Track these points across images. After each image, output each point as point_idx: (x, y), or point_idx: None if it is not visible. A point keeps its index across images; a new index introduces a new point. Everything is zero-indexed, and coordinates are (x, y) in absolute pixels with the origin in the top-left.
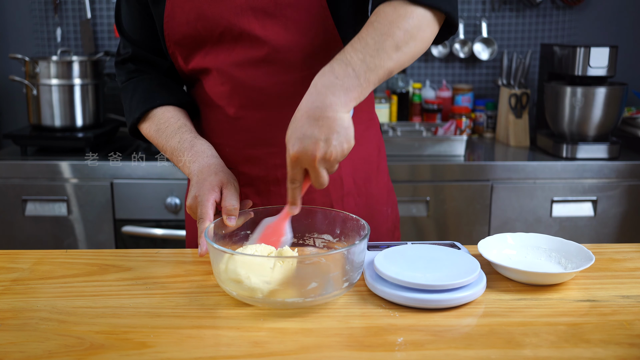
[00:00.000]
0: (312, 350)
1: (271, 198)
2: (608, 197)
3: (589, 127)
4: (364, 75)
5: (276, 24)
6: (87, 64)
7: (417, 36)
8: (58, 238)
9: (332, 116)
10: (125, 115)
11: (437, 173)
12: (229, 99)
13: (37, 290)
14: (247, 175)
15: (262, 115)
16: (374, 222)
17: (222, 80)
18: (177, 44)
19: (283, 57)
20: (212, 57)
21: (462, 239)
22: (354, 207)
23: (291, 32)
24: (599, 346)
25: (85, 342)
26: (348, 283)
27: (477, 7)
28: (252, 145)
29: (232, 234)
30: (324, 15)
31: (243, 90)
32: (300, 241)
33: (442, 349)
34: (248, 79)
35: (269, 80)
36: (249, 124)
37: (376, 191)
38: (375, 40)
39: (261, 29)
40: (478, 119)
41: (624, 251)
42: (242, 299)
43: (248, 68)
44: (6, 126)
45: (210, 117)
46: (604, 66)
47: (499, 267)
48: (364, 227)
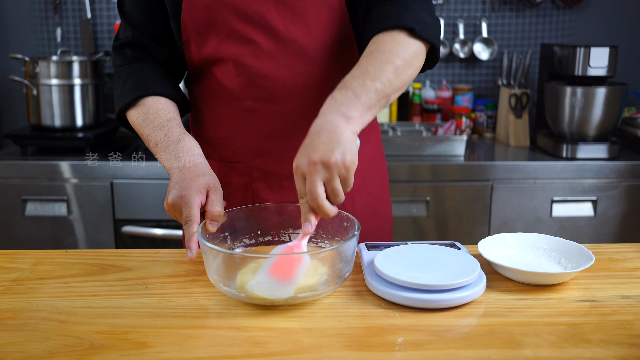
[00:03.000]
0: (312, 350)
1: (283, 193)
2: (608, 197)
3: (589, 127)
4: (364, 96)
5: (295, 16)
6: (87, 64)
7: (413, 64)
8: (58, 238)
9: (331, 129)
10: (115, 99)
11: (437, 173)
12: (244, 90)
13: (37, 290)
14: (260, 170)
15: (277, 108)
16: (377, 221)
17: (238, 72)
18: (194, 30)
19: (300, 49)
20: (229, 46)
21: (462, 239)
22: (362, 206)
23: (309, 25)
24: (599, 346)
25: (85, 342)
26: (342, 278)
27: (477, 7)
28: (265, 138)
29: (213, 237)
30: (341, 12)
31: (259, 81)
32: (276, 238)
33: (442, 349)
34: (265, 70)
35: (285, 73)
36: (264, 117)
37: (379, 191)
38: (375, 67)
39: (280, 19)
40: (478, 119)
41: (624, 251)
42: (239, 298)
43: (265, 59)
44: (6, 126)
45: (221, 110)
46: (604, 66)
47: (499, 267)
48: (348, 218)
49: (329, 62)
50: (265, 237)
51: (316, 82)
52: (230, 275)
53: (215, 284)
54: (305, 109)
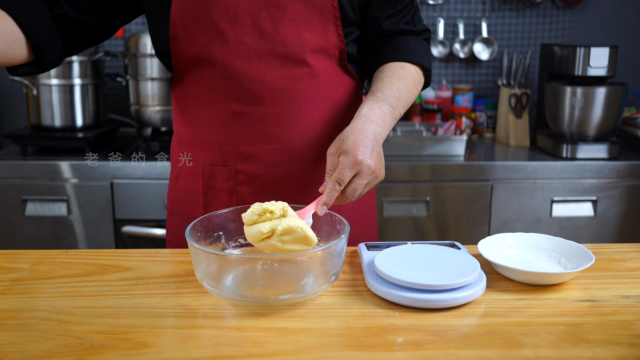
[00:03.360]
0: (312, 350)
1: (269, 198)
2: (608, 197)
3: (589, 127)
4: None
5: (286, 17)
6: (87, 64)
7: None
8: (58, 238)
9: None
10: None
11: (437, 173)
12: (229, 93)
13: (37, 290)
14: (245, 173)
15: (263, 111)
16: (364, 227)
17: (224, 73)
18: (183, 27)
19: (289, 51)
20: (216, 47)
21: (462, 239)
22: (348, 212)
23: (299, 28)
24: (599, 346)
25: (85, 342)
26: (335, 276)
27: (477, 7)
28: (251, 142)
29: (206, 235)
30: (333, 17)
31: (246, 83)
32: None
33: (442, 349)
34: (251, 72)
35: (272, 75)
36: (249, 120)
37: (366, 196)
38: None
39: (270, 21)
40: (478, 119)
41: (624, 251)
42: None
43: (252, 61)
44: (6, 126)
45: (206, 113)
46: (604, 66)
47: (499, 267)
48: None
49: (316, 65)
50: None
51: (303, 85)
52: (217, 277)
53: (200, 283)
54: (292, 112)
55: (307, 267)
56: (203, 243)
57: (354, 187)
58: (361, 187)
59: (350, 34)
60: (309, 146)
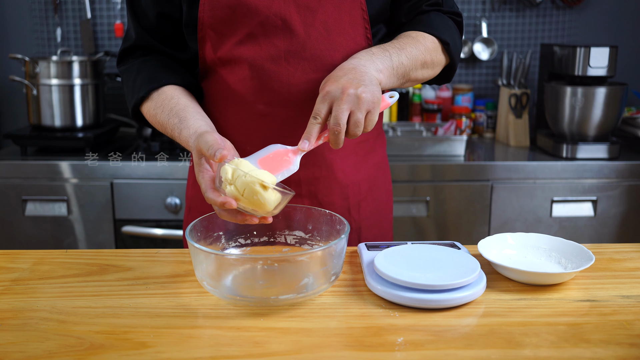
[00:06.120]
0: (312, 350)
1: (291, 199)
2: (608, 197)
3: (589, 127)
4: (397, 60)
5: (316, 20)
6: (87, 64)
7: (434, 69)
8: (58, 238)
9: (364, 71)
10: (128, 96)
11: (437, 173)
12: (257, 94)
13: (37, 290)
14: None
15: (290, 114)
16: (381, 229)
17: (252, 75)
18: (211, 28)
19: (318, 54)
20: (246, 48)
21: (462, 239)
22: (367, 213)
23: (329, 30)
24: (599, 346)
25: (85, 342)
26: (335, 276)
27: (477, 7)
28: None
29: (205, 235)
30: (362, 18)
31: (273, 85)
32: (272, 239)
33: (442, 349)
34: (280, 74)
35: (301, 77)
36: (274, 121)
37: (384, 199)
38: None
39: (301, 23)
40: (478, 119)
41: (624, 251)
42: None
43: (282, 63)
44: (6, 126)
45: (231, 113)
46: (604, 66)
47: (499, 267)
48: (340, 221)
49: None
50: (261, 238)
51: None
52: (217, 277)
53: (200, 283)
54: None
55: (307, 267)
56: (203, 243)
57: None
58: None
59: (377, 33)
60: (333, 149)
